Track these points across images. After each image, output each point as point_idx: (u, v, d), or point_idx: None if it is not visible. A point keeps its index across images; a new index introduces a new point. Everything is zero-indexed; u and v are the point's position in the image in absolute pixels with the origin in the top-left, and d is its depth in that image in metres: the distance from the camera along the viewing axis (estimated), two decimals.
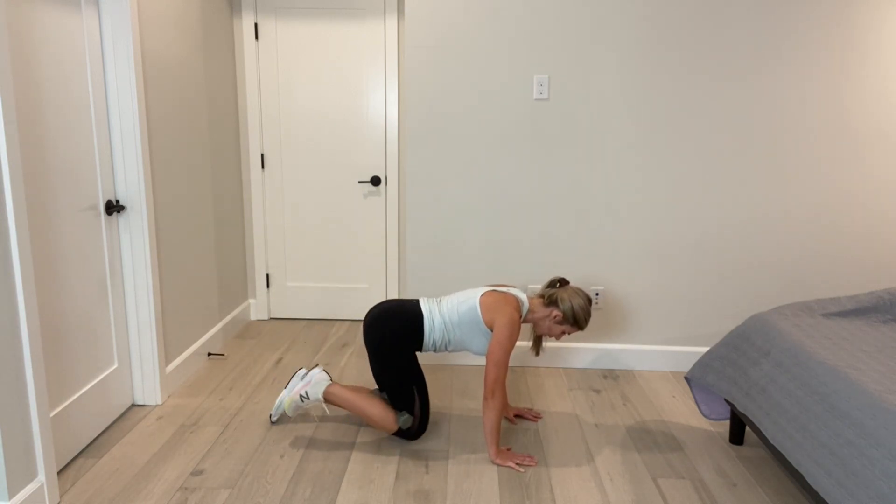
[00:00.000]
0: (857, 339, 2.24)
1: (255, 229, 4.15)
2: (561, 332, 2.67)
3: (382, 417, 2.61)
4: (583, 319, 2.62)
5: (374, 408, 2.62)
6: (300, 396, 2.70)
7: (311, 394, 2.70)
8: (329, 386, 2.71)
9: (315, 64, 3.95)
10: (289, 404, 2.71)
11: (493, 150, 3.31)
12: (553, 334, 2.68)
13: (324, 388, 2.70)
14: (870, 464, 1.66)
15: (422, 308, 2.62)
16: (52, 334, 2.35)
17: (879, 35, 3.12)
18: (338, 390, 2.69)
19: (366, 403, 2.64)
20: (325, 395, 2.70)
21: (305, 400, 2.70)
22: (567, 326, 2.64)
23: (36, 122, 2.24)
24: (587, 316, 2.62)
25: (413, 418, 2.62)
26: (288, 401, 2.71)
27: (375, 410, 2.62)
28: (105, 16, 2.62)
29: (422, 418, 2.64)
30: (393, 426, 2.61)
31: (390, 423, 2.61)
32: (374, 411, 2.62)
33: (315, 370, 2.77)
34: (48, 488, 2.15)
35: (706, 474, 2.45)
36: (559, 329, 2.66)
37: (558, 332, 2.66)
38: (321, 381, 2.73)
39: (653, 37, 3.17)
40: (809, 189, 3.28)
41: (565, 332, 2.67)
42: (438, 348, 2.64)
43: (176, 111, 3.12)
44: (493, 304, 2.56)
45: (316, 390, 2.70)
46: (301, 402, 2.71)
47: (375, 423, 2.62)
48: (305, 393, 2.70)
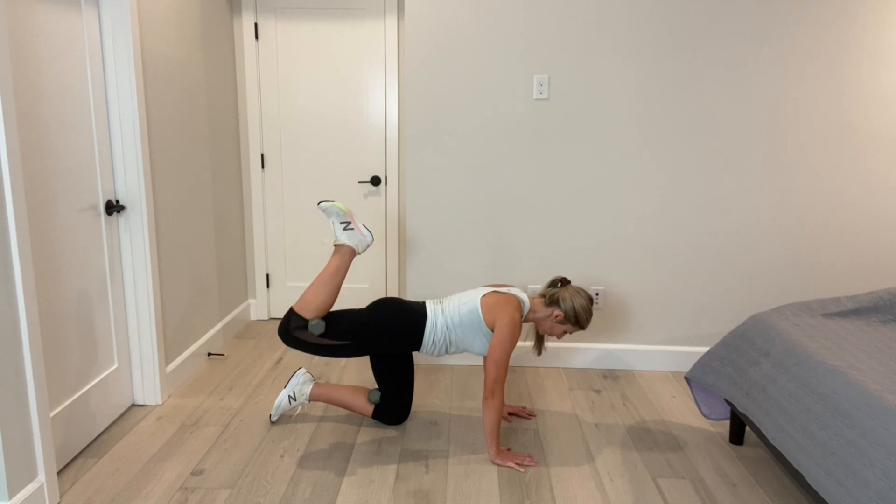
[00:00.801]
0: (857, 339, 2.24)
1: (255, 229, 4.15)
2: (562, 332, 2.67)
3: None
4: (584, 319, 2.62)
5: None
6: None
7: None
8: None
9: (315, 64, 3.95)
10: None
11: (494, 150, 3.31)
12: (555, 334, 2.68)
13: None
14: (870, 464, 1.66)
15: (427, 309, 2.63)
16: (52, 334, 2.35)
17: (879, 37, 3.12)
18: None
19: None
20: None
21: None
22: (568, 326, 2.65)
23: (36, 122, 2.23)
24: (589, 315, 2.63)
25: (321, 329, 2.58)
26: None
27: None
28: (105, 16, 2.62)
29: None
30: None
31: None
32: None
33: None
34: (48, 488, 2.15)
35: (706, 474, 2.45)
36: (561, 329, 2.66)
37: (560, 331, 2.67)
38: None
39: (653, 37, 3.17)
40: (809, 189, 3.28)
41: (567, 331, 2.68)
42: (439, 350, 2.64)
43: (176, 111, 3.12)
44: (495, 305, 2.56)
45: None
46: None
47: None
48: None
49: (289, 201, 4.12)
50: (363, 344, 2.59)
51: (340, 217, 2.67)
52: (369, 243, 2.73)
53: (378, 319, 2.59)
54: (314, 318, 2.57)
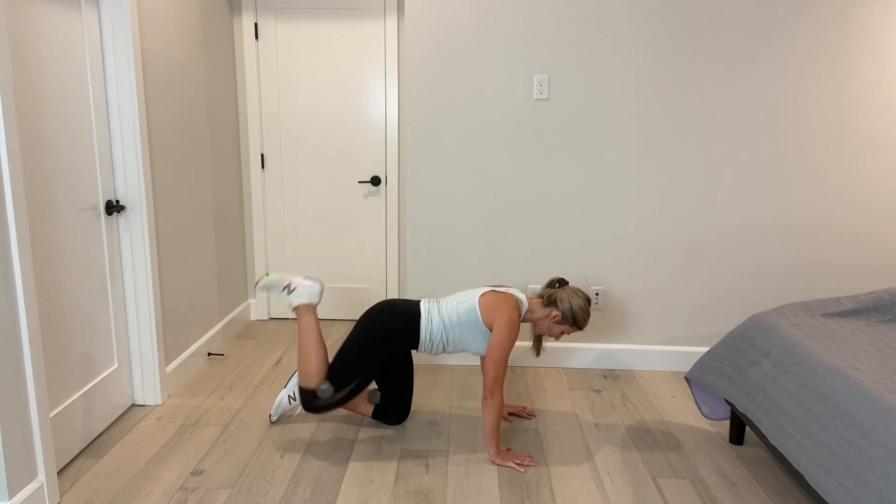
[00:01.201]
0: (857, 339, 2.24)
1: (255, 229, 4.15)
2: (560, 333, 2.67)
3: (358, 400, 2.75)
4: (582, 320, 2.62)
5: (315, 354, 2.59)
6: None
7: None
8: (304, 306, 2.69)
9: (315, 64, 3.95)
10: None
11: (493, 149, 3.31)
12: (552, 334, 2.68)
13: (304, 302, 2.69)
14: (870, 464, 1.66)
15: (421, 308, 2.63)
16: (52, 334, 2.35)
17: (879, 37, 3.12)
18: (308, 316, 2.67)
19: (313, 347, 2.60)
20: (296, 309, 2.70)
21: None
22: (566, 326, 2.65)
23: (36, 122, 2.23)
24: (586, 316, 2.63)
25: (332, 392, 2.56)
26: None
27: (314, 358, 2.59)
28: (105, 16, 2.62)
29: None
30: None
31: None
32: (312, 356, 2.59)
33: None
34: (48, 488, 2.15)
35: (706, 474, 2.45)
36: (558, 329, 2.66)
37: (557, 332, 2.67)
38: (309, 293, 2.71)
39: (653, 37, 3.17)
40: (809, 189, 3.28)
41: (564, 332, 2.67)
42: (436, 349, 2.64)
43: (176, 111, 3.12)
44: (493, 305, 2.56)
45: (300, 293, 2.68)
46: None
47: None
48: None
49: (289, 201, 4.12)
50: (370, 366, 2.58)
51: (279, 285, 2.67)
52: (320, 289, 2.70)
53: (374, 330, 2.59)
54: (318, 384, 2.57)
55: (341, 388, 2.58)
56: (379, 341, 2.58)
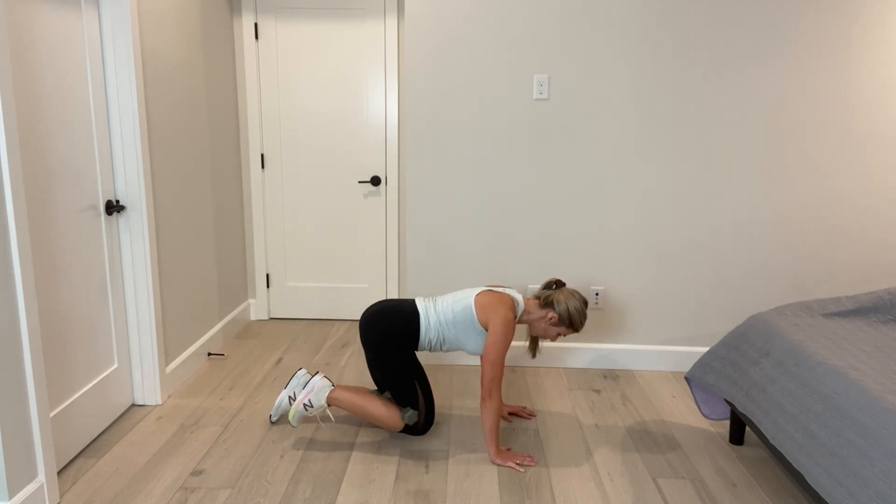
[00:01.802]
0: (857, 339, 2.24)
1: (255, 229, 4.15)
2: (556, 334, 2.67)
3: (388, 416, 2.62)
4: (578, 322, 2.62)
5: (378, 408, 2.63)
6: (304, 406, 2.69)
7: (314, 401, 2.69)
8: (332, 391, 2.70)
9: (315, 64, 3.95)
10: (293, 415, 2.69)
11: (493, 149, 3.31)
12: (548, 336, 2.68)
13: (327, 393, 2.70)
14: (870, 464, 1.66)
15: (418, 307, 2.63)
16: (52, 334, 2.35)
17: (879, 36, 3.12)
18: (341, 394, 2.69)
19: (370, 404, 2.64)
20: (329, 400, 2.69)
21: (310, 408, 2.69)
22: (562, 328, 2.65)
23: (36, 121, 2.23)
24: (583, 318, 2.62)
25: (418, 413, 2.63)
26: (292, 412, 2.69)
27: (380, 410, 2.62)
28: (105, 16, 2.62)
29: (427, 413, 2.66)
30: (399, 423, 2.62)
31: (396, 421, 2.61)
32: (378, 411, 2.62)
33: (316, 378, 2.75)
34: (48, 488, 2.15)
35: (706, 474, 2.45)
36: (554, 331, 2.66)
37: (553, 333, 2.67)
38: (323, 387, 2.72)
39: (653, 37, 3.16)
40: (809, 189, 3.28)
41: (561, 333, 2.67)
42: (434, 347, 2.64)
43: (176, 111, 3.12)
44: (488, 304, 2.55)
45: (319, 397, 2.69)
46: (306, 412, 2.69)
47: (381, 422, 2.63)
48: (309, 401, 2.69)
49: (289, 201, 4.12)
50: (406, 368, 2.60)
51: (300, 412, 2.69)
52: (321, 376, 2.75)
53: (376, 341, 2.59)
54: (403, 419, 2.61)
55: (413, 400, 2.61)
56: (386, 345, 2.57)
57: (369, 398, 2.66)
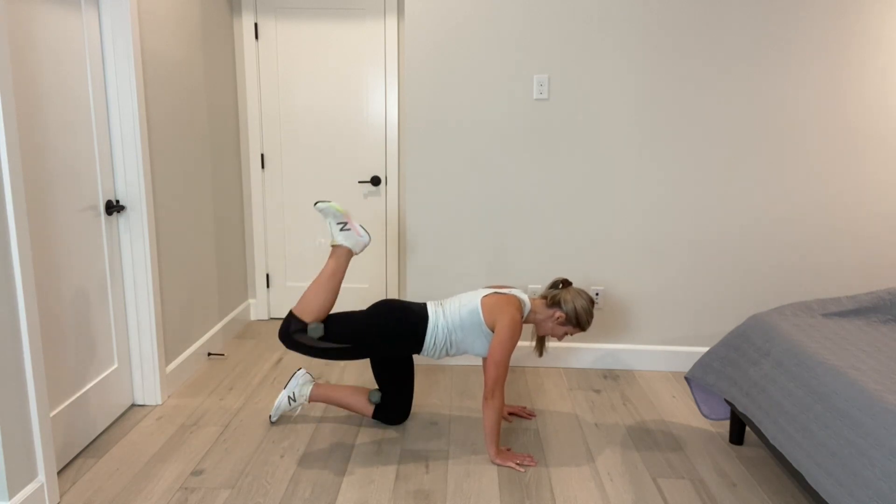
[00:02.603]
0: (857, 339, 2.24)
1: (255, 229, 4.15)
2: (563, 333, 2.68)
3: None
4: (585, 321, 2.63)
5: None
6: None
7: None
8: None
9: (315, 64, 3.95)
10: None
11: (493, 149, 3.31)
12: (556, 335, 2.69)
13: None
14: (870, 464, 1.66)
15: (429, 312, 2.63)
16: (52, 334, 2.35)
17: (879, 35, 3.12)
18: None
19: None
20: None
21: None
22: (569, 327, 2.66)
23: (36, 122, 2.23)
24: (590, 317, 2.63)
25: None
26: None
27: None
28: (105, 16, 2.62)
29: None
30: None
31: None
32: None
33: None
34: (48, 488, 2.15)
35: (706, 474, 2.45)
36: (562, 330, 2.66)
37: (561, 332, 2.67)
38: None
39: (653, 37, 3.17)
40: (809, 189, 3.28)
41: (568, 332, 2.68)
42: (440, 352, 2.63)
43: (176, 111, 3.12)
44: (495, 305, 2.56)
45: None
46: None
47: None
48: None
49: (289, 201, 4.12)
50: (364, 347, 2.58)
51: (338, 218, 2.65)
52: (366, 243, 2.71)
53: (379, 321, 2.58)
54: (313, 322, 2.57)
55: (329, 340, 2.57)
56: (381, 335, 2.58)
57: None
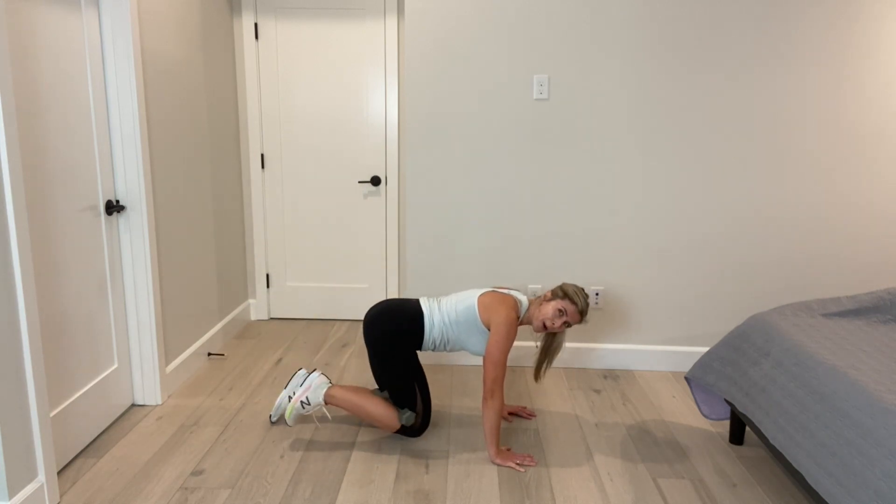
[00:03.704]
0: (857, 339, 2.24)
1: (255, 229, 4.15)
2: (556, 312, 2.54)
3: (385, 416, 2.61)
4: (573, 294, 2.55)
5: (375, 407, 2.62)
6: (301, 403, 2.69)
7: (311, 399, 2.69)
8: (329, 388, 2.70)
9: (315, 64, 3.95)
10: (290, 413, 2.69)
11: (493, 149, 3.31)
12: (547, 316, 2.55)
13: (324, 391, 2.70)
14: (870, 463, 1.66)
15: (422, 307, 2.63)
16: (52, 334, 2.35)
17: (879, 35, 3.12)
18: (338, 392, 2.68)
19: (367, 403, 2.64)
20: (326, 398, 2.69)
21: (307, 406, 2.69)
22: (557, 302, 2.55)
23: (36, 122, 2.23)
24: (582, 295, 2.56)
25: (415, 415, 2.63)
26: (289, 409, 2.69)
27: (377, 409, 2.62)
28: (105, 16, 2.62)
29: (424, 415, 2.65)
30: (396, 424, 2.61)
31: (393, 421, 2.61)
32: (376, 410, 2.62)
33: (313, 374, 2.75)
34: (48, 488, 2.15)
35: (706, 474, 2.45)
36: (552, 308, 2.54)
37: (552, 311, 2.54)
38: (321, 384, 2.72)
39: (653, 37, 3.17)
40: (809, 189, 3.28)
41: (561, 310, 2.54)
42: (438, 347, 2.64)
43: (176, 111, 3.12)
44: (491, 304, 2.56)
45: (317, 394, 2.70)
46: (303, 409, 2.70)
47: (378, 421, 2.62)
48: (306, 398, 2.69)
49: (289, 201, 4.12)
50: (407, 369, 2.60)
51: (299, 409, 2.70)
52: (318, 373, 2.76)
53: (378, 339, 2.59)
54: (400, 420, 2.61)
55: (412, 402, 2.61)
56: (389, 343, 2.57)
57: (367, 397, 2.66)
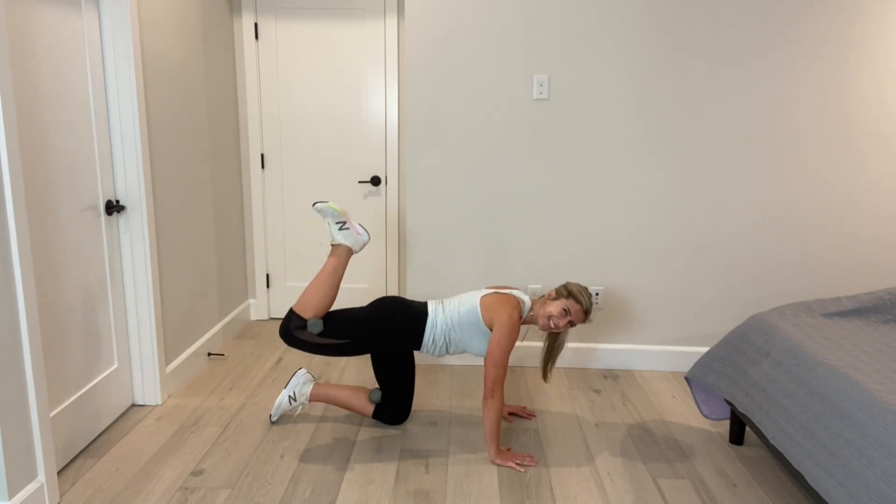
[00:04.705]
0: (857, 339, 2.24)
1: (255, 229, 4.15)
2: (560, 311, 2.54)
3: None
4: (578, 293, 2.56)
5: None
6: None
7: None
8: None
9: (315, 64, 3.95)
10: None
11: (493, 150, 3.31)
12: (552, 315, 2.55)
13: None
14: (870, 464, 1.66)
15: (429, 309, 2.64)
16: (52, 334, 2.35)
17: (879, 35, 3.12)
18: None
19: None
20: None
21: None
22: (562, 301, 2.56)
23: (36, 122, 2.23)
24: (586, 294, 2.57)
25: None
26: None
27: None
28: (105, 16, 2.62)
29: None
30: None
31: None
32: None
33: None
34: (48, 488, 2.15)
35: (706, 474, 2.45)
36: (557, 307, 2.54)
37: (557, 310, 2.54)
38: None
39: (653, 37, 3.17)
40: (809, 189, 3.28)
41: (566, 309, 2.55)
42: (439, 350, 2.64)
43: (176, 111, 3.12)
44: (493, 305, 2.56)
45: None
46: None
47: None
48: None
49: (289, 201, 4.12)
50: (363, 342, 2.59)
51: (336, 217, 2.67)
52: (366, 241, 2.72)
53: (377, 316, 2.59)
54: (313, 318, 2.59)
55: (329, 335, 2.59)
56: (379, 330, 2.59)
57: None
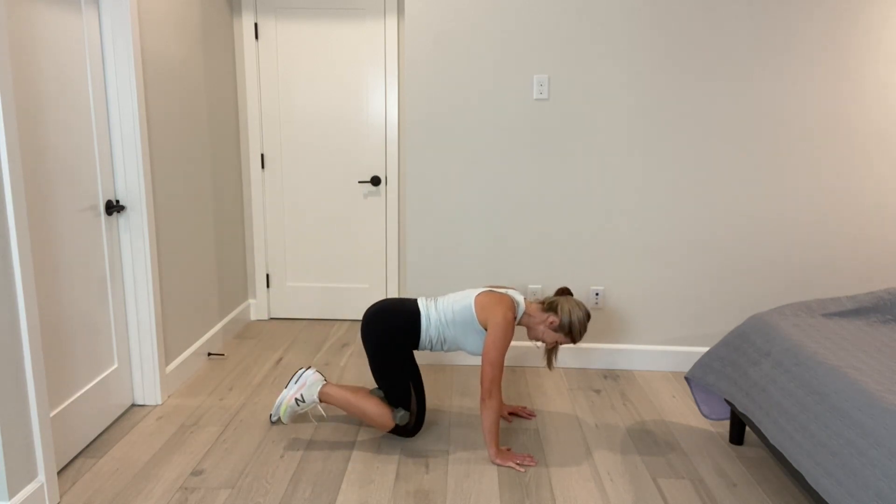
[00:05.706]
0: (857, 339, 2.24)
1: (255, 229, 4.15)
2: (553, 341, 2.64)
3: (379, 414, 2.61)
4: (577, 332, 2.60)
5: (370, 405, 2.62)
6: (296, 400, 2.69)
7: (306, 396, 2.69)
8: (324, 386, 2.71)
9: (315, 64, 3.95)
10: (285, 410, 2.69)
11: (493, 150, 3.31)
12: (546, 341, 2.65)
13: (318, 388, 2.70)
14: (870, 464, 1.66)
15: (419, 306, 2.63)
16: (52, 334, 2.35)
17: (879, 35, 3.12)
18: (333, 390, 2.69)
19: (362, 401, 2.64)
20: (321, 395, 2.69)
21: (301, 403, 2.69)
22: (560, 336, 2.62)
23: (36, 122, 2.24)
24: (583, 330, 2.60)
25: (409, 414, 2.62)
26: (284, 407, 2.70)
27: (372, 408, 2.62)
28: (105, 16, 2.62)
29: (418, 415, 2.65)
30: (390, 423, 2.61)
31: (387, 420, 2.61)
32: (370, 409, 2.62)
33: (308, 371, 2.75)
34: (48, 488, 2.16)
35: (706, 474, 2.45)
36: (553, 336, 2.63)
37: (551, 339, 2.63)
38: (315, 382, 2.73)
39: (653, 37, 3.17)
40: (809, 189, 3.28)
41: (558, 341, 2.64)
42: (435, 347, 2.64)
43: (176, 111, 3.12)
44: (488, 304, 2.55)
45: (311, 392, 2.70)
46: (297, 407, 2.70)
47: (372, 420, 2.62)
48: (301, 396, 2.69)
49: (289, 201, 4.12)
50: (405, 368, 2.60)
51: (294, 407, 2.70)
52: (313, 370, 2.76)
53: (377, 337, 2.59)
54: (394, 418, 2.60)
55: (406, 401, 2.60)
56: (386, 342, 2.57)
57: (362, 396, 2.66)
